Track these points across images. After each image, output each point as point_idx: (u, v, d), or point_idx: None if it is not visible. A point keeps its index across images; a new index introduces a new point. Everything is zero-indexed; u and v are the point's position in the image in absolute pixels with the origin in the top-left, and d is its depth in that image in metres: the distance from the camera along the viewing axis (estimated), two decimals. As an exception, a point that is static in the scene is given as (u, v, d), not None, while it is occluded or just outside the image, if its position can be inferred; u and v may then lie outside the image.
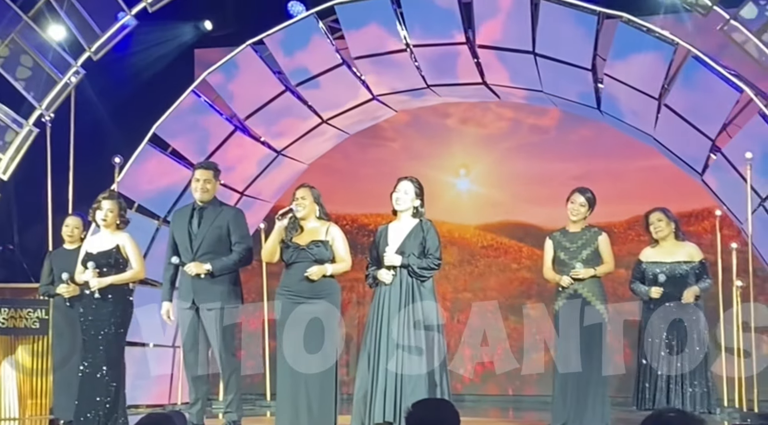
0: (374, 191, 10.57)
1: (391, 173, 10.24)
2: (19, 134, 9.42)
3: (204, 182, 7.02)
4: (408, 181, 6.77)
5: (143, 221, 9.32)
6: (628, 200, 9.84)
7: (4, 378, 8.66)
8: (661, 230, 7.27)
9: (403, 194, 6.73)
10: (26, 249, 10.46)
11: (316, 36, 8.74)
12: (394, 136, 10.83)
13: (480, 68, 8.65)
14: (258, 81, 9.15)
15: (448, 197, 10.58)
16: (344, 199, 10.65)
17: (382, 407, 6.46)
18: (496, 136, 10.60)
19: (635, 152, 9.63)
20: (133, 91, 10.29)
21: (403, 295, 6.58)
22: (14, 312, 8.70)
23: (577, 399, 7.08)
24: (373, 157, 10.90)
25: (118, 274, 7.07)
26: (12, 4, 9.25)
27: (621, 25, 7.77)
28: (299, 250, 6.73)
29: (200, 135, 9.37)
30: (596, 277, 7.17)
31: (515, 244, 10.43)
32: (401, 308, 6.55)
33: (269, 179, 9.91)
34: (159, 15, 9.39)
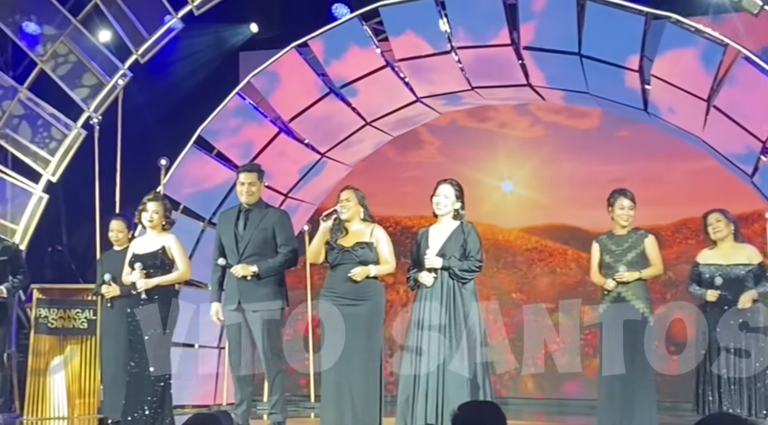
0: (417, 194, 10.57)
1: (434, 175, 10.23)
2: (68, 137, 9.53)
3: (249, 185, 7.05)
4: (448, 184, 6.74)
5: (188, 223, 9.39)
6: (675, 203, 9.74)
7: (53, 378, 8.77)
8: (720, 231, 7.19)
9: (443, 198, 6.71)
10: (74, 250, 10.58)
11: (358, 41, 8.74)
12: (434, 139, 10.80)
13: (524, 70, 8.61)
14: (302, 83, 9.19)
15: (492, 200, 10.53)
16: (387, 201, 10.65)
17: (424, 409, 6.44)
18: (538, 138, 10.54)
19: (682, 153, 9.53)
20: (179, 93, 10.37)
21: (444, 297, 6.55)
22: (63, 313, 8.82)
23: (623, 402, 7.01)
24: (415, 160, 10.88)
25: (164, 275, 7.13)
26: (62, 7, 9.36)
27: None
28: (344, 252, 6.74)
29: (245, 137, 9.42)
30: (641, 280, 7.10)
31: (560, 247, 10.36)
32: (443, 310, 6.52)
33: (313, 182, 9.94)
34: (205, 18, 9.44)
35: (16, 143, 9.49)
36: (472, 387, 6.44)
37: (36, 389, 8.75)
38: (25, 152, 9.49)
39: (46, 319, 8.80)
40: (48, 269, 10.26)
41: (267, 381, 7.16)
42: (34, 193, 9.49)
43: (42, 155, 9.52)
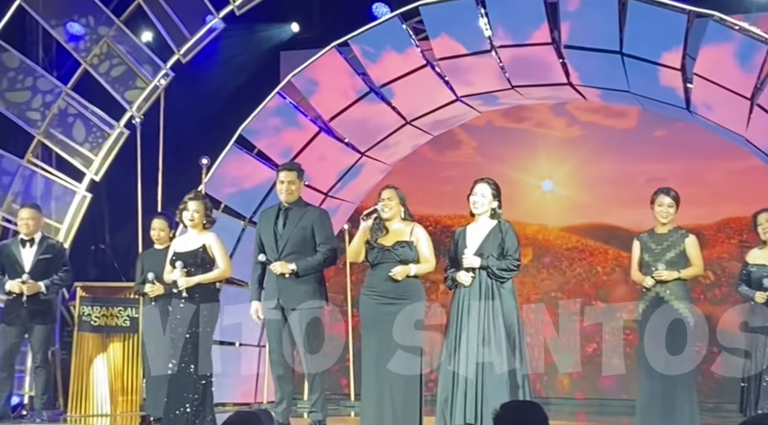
0: (456, 193, 10.55)
1: (472, 174, 10.18)
2: (111, 136, 9.62)
3: (288, 183, 7.07)
4: (485, 183, 6.73)
5: (229, 222, 9.44)
6: (718, 203, 9.65)
7: (96, 375, 8.87)
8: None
9: (480, 197, 6.70)
10: (117, 249, 10.68)
11: (395, 45, 8.75)
12: (471, 139, 10.76)
13: (565, 68, 8.57)
14: (342, 83, 9.21)
15: (532, 200, 10.49)
16: (426, 200, 10.65)
17: (463, 409, 6.43)
18: (576, 138, 10.47)
19: (723, 152, 9.44)
20: (220, 93, 10.44)
21: (482, 296, 6.54)
22: (106, 311, 8.92)
23: (663, 403, 6.96)
24: (453, 159, 10.85)
25: (205, 273, 7.17)
26: (105, 8, 9.45)
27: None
28: (384, 251, 6.75)
29: (285, 137, 9.46)
30: (681, 279, 7.04)
31: (601, 246, 10.30)
32: (481, 309, 6.51)
33: (353, 181, 9.95)
34: (246, 18, 9.49)
35: (60, 142, 9.60)
36: (511, 387, 6.42)
37: (79, 386, 8.85)
38: (69, 151, 9.59)
39: (89, 317, 8.90)
40: (91, 267, 10.37)
41: (307, 379, 7.18)
42: (78, 192, 9.60)
43: (85, 154, 9.62)
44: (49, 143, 9.63)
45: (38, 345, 8.13)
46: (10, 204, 9.43)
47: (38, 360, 8.16)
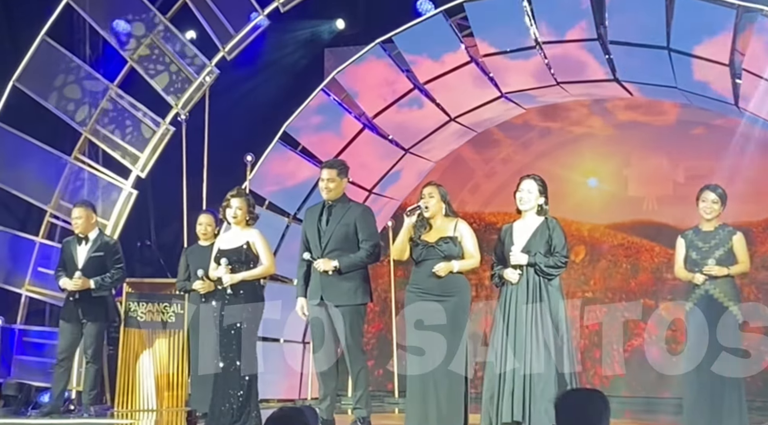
0: (499, 190, 10.55)
1: (515, 171, 10.23)
2: (156, 133, 9.68)
3: (327, 180, 7.07)
4: (531, 179, 6.69)
5: (273, 219, 9.48)
6: (763, 200, 9.51)
7: (142, 371, 8.94)
8: None
9: (527, 193, 6.65)
10: (163, 245, 10.75)
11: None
12: (511, 136, 10.68)
13: (612, 64, 8.50)
14: (386, 79, 9.21)
15: (578, 196, 10.40)
16: (469, 197, 10.63)
17: (510, 407, 6.40)
18: (618, 135, 10.37)
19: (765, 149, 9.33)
20: (265, 90, 10.46)
21: (530, 294, 6.50)
22: (152, 307, 8.98)
23: (711, 402, 6.89)
24: (495, 156, 10.78)
25: (249, 270, 7.20)
26: (151, 6, 9.52)
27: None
28: (428, 247, 6.73)
29: (330, 133, 9.48)
30: (730, 277, 6.97)
31: (647, 243, 10.20)
32: (528, 307, 6.47)
33: (397, 177, 9.95)
34: (291, 14, 9.51)
35: (106, 139, 9.68)
36: (559, 384, 6.38)
37: (126, 382, 8.92)
38: (115, 148, 9.67)
39: (136, 313, 8.97)
40: (137, 263, 10.44)
41: (350, 376, 7.18)
42: (124, 188, 9.67)
43: (131, 151, 9.68)
44: (95, 140, 9.70)
45: (89, 341, 8.22)
46: (57, 201, 9.53)
47: (89, 355, 8.25)
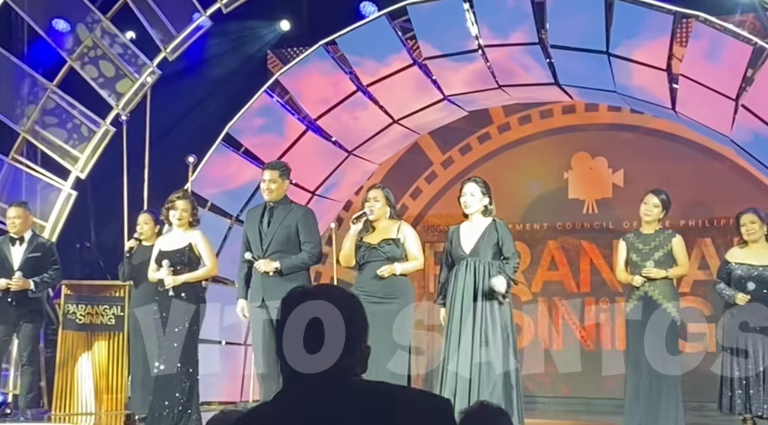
0: (442, 193, 10.60)
1: (460, 174, 10.30)
2: (97, 134, 9.58)
3: (269, 182, 7.07)
4: (473, 182, 6.77)
5: (216, 220, 9.42)
6: (704, 203, 9.64)
7: (81, 374, 8.83)
8: (754, 233, 7.13)
9: (470, 197, 6.72)
10: (102, 247, 10.63)
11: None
12: (456, 139, 10.69)
13: (552, 68, 8.59)
14: (330, 81, 9.21)
15: (518, 199, 10.42)
16: (411, 201, 10.66)
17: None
18: (562, 138, 10.40)
19: (712, 153, 9.49)
20: (208, 91, 10.40)
21: (480, 297, 6.56)
22: (91, 309, 8.88)
23: (649, 402, 7.00)
24: (437, 159, 10.79)
25: (192, 272, 7.16)
26: (91, 5, 9.41)
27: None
28: (371, 249, 6.75)
29: (273, 135, 9.45)
30: (668, 279, 7.09)
31: (587, 245, 10.25)
32: (478, 310, 6.53)
33: (340, 179, 9.95)
34: (234, 15, 9.47)
35: (45, 140, 9.55)
36: (506, 386, 6.44)
37: (64, 384, 8.81)
38: (54, 149, 9.55)
39: (74, 315, 8.86)
40: (76, 265, 10.30)
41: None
42: (63, 190, 9.55)
43: (71, 152, 9.57)
44: (34, 141, 9.58)
45: (25, 344, 8.11)
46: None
47: (25, 358, 8.14)
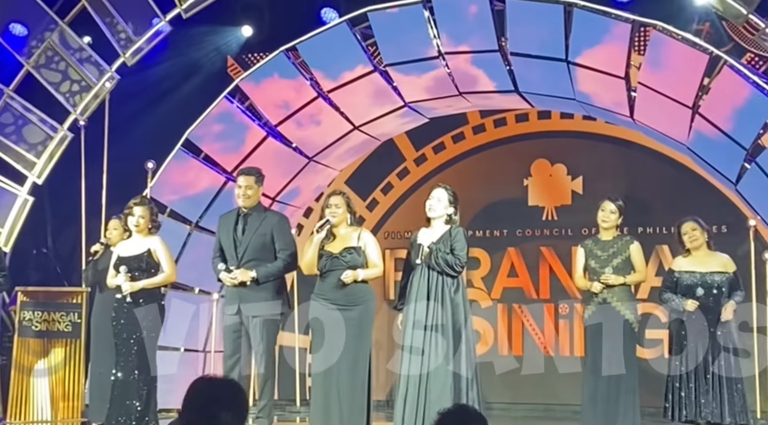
0: (401, 201, 10.63)
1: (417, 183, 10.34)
2: (54, 139, 9.50)
3: (245, 188, 7.04)
4: (442, 188, 6.80)
5: (175, 226, 9.37)
6: (661, 209, 9.74)
7: (37, 381, 8.73)
8: (696, 240, 7.20)
9: (436, 201, 6.76)
10: (59, 253, 10.53)
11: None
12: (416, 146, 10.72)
13: (512, 76, 8.63)
14: (290, 87, 9.19)
15: (478, 206, 10.44)
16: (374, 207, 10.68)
17: (410, 412, 6.46)
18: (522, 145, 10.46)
19: (670, 161, 9.59)
20: (167, 96, 10.33)
21: (431, 296, 6.58)
22: (48, 316, 8.77)
23: (606, 407, 7.05)
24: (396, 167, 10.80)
25: (150, 278, 7.11)
26: (48, 9, 9.33)
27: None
28: (332, 258, 6.74)
29: (232, 141, 9.42)
30: (627, 286, 7.15)
31: (546, 251, 10.31)
32: (429, 310, 6.55)
33: (300, 185, 9.93)
34: (194, 21, 9.44)
35: (1, 145, 9.46)
36: (455, 391, 6.45)
37: (19, 392, 8.69)
38: (11, 154, 9.45)
39: (31, 322, 8.75)
40: (33, 271, 10.19)
41: (257, 385, 7.12)
42: (19, 195, 9.46)
43: (27, 157, 9.48)
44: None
45: (-22, 351, 8.01)
46: (-52, 207, 9.28)
47: (-23, 365, 8.04)
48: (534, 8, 8.07)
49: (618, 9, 8.05)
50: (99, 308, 7.96)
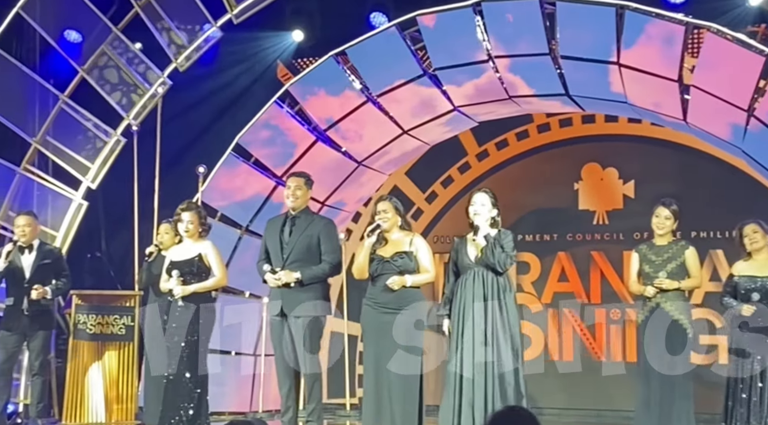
0: (453, 202, 10.59)
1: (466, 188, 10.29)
2: (107, 144, 9.61)
3: (294, 188, 7.08)
4: (483, 192, 6.77)
5: (226, 230, 9.44)
6: (719, 214, 9.62)
7: (91, 384, 8.84)
8: (756, 243, 7.11)
9: (480, 206, 6.72)
10: (113, 257, 10.65)
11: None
12: (462, 151, 10.66)
13: (563, 79, 8.57)
14: (340, 92, 9.21)
15: (526, 211, 10.38)
16: (426, 205, 10.68)
17: (464, 414, 6.44)
18: (571, 149, 10.38)
19: (724, 164, 9.48)
20: (218, 101, 10.42)
21: (487, 302, 6.55)
22: (101, 319, 8.88)
23: (660, 412, 6.97)
24: (443, 173, 10.76)
25: (201, 282, 7.17)
26: (102, 16, 9.45)
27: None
28: (384, 262, 6.74)
29: (283, 145, 9.47)
30: (681, 291, 7.07)
31: (597, 256, 10.23)
32: (482, 316, 6.53)
33: (350, 189, 9.95)
34: (244, 26, 9.50)
35: (56, 150, 9.59)
36: (504, 388, 6.43)
37: (74, 394, 8.81)
38: (66, 159, 9.58)
39: (85, 325, 8.86)
40: (87, 275, 10.31)
41: (305, 388, 7.15)
42: (74, 200, 9.58)
43: (82, 162, 9.60)
44: (45, 151, 9.61)
45: (37, 353, 8.10)
46: (6, 212, 9.41)
47: (36, 367, 8.13)
48: (585, 11, 8.01)
49: (671, 11, 7.97)
50: (152, 312, 8.03)
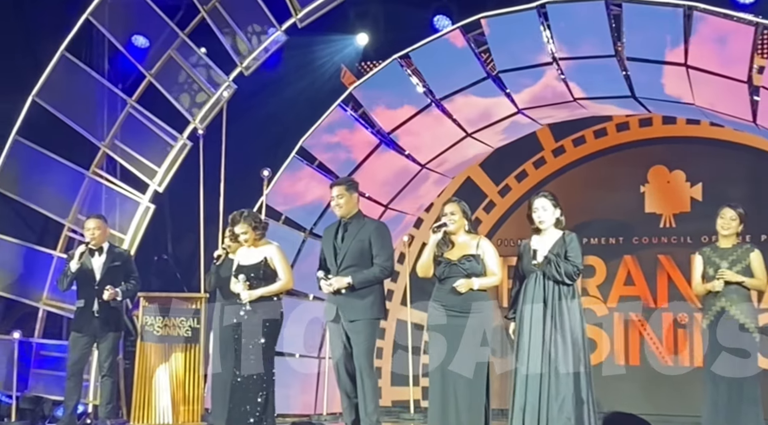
0: (517, 205, 10.55)
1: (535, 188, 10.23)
2: (174, 148, 9.72)
3: (337, 197, 7.08)
4: (542, 197, 6.76)
5: (290, 234, 9.50)
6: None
7: (159, 385, 8.95)
8: None
9: (543, 211, 6.70)
10: (179, 259, 10.77)
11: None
12: (529, 152, 10.60)
13: (629, 82, 8.49)
14: (403, 95, 9.23)
15: (590, 213, 10.29)
16: (484, 214, 10.64)
17: (530, 417, 6.43)
18: (638, 152, 10.27)
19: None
20: (283, 105, 10.48)
21: (548, 310, 6.53)
22: (168, 321, 8.99)
23: (727, 416, 6.90)
24: (511, 173, 10.71)
25: (267, 286, 7.23)
26: (169, 21, 9.57)
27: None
28: (451, 265, 6.74)
29: (346, 149, 9.50)
30: (747, 295, 6.97)
31: (664, 259, 10.11)
32: (546, 318, 6.50)
33: (413, 193, 9.96)
34: (308, 30, 9.55)
35: (124, 153, 9.73)
36: (577, 401, 6.40)
37: (142, 396, 8.92)
38: (133, 162, 9.71)
39: (152, 327, 8.98)
40: (154, 277, 10.45)
41: (362, 390, 7.16)
42: (141, 203, 9.71)
43: (149, 165, 9.72)
44: (113, 155, 9.75)
45: (106, 354, 8.21)
46: (75, 215, 9.56)
47: (105, 369, 8.24)
48: (652, 12, 7.93)
49: (740, 11, 7.86)
50: (221, 314, 8.10)
